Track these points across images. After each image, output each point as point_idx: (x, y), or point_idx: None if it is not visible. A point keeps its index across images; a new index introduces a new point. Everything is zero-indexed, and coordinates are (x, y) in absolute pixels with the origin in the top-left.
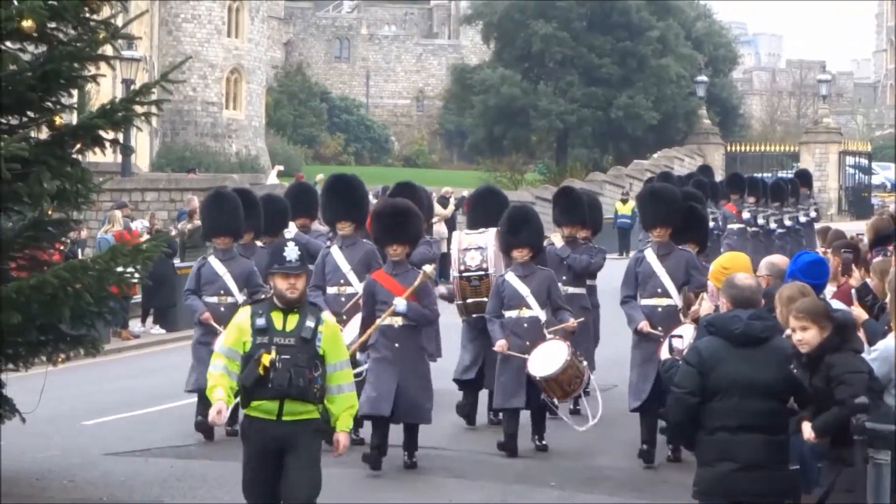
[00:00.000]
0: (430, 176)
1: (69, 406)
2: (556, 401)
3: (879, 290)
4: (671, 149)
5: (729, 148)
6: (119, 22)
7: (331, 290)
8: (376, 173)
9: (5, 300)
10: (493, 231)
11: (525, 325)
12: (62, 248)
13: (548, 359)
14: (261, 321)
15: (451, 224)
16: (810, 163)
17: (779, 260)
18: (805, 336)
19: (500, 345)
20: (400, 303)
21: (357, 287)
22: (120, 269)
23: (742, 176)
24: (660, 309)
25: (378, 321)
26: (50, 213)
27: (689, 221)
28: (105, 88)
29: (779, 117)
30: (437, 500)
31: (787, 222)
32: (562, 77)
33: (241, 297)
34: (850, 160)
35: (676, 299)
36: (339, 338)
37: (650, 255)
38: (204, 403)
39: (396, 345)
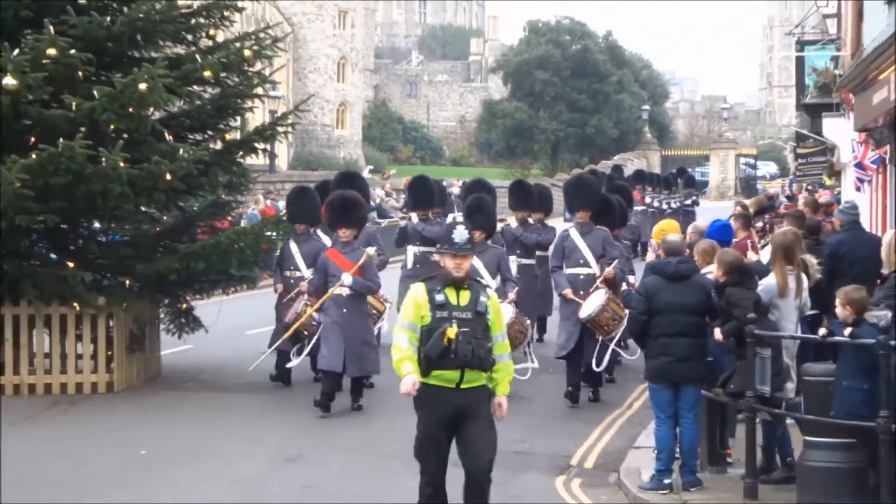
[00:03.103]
0: (468, 171)
1: (237, 321)
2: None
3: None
4: (626, 153)
5: (663, 152)
6: (267, 72)
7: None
8: (434, 170)
9: (194, 253)
10: None
11: None
12: (231, 219)
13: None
14: (440, 297)
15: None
16: (717, 162)
17: (701, 224)
18: (713, 271)
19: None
20: (346, 277)
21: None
22: (269, 233)
23: (644, 172)
24: (581, 276)
25: (330, 290)
26: (222, 196)
27: (604, 207)
28: (257, 116)
29: (696, 132)
30: None
31: (674, 205)
32: (554, 107)
33: (307, 273)
34: (742, 160)
35: (595, 268)
36: (500, 311)
37: (574, 234)
38: (282, 361)
39: (344, 310)
